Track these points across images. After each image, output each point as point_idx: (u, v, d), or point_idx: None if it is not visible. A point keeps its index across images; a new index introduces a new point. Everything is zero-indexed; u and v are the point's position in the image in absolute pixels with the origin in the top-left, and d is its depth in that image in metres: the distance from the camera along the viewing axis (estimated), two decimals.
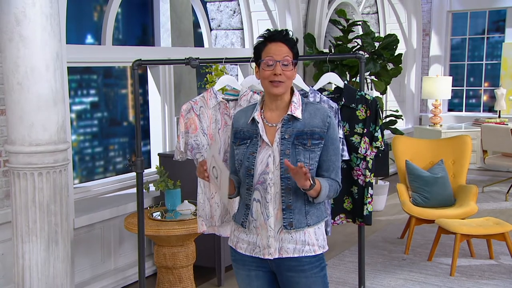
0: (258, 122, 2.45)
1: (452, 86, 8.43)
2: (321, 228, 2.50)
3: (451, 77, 8.43)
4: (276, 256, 2.43)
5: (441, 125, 8.54)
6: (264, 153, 2.42)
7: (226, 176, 2.34)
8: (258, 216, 2.43)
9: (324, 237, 2.51)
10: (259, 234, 2.44)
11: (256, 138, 2.45)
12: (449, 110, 10.01)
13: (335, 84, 3.34)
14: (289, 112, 2.43)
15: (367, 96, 3.27)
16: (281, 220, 2.41)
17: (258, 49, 2.44)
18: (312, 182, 2.32)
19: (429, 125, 8.64)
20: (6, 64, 3.17)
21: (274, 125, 2.45)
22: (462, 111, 9.91)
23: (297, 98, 2.47)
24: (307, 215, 2.43)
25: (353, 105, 3.25)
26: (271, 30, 2.46)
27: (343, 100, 3.25)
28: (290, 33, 2.45)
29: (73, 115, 6.13)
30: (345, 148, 3.22)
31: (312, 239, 2.44)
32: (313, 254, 2.45)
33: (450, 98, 8.63)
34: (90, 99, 6.47)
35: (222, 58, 3.37)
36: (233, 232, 2.56)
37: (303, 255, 2.43)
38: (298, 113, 2.43)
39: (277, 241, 2.43)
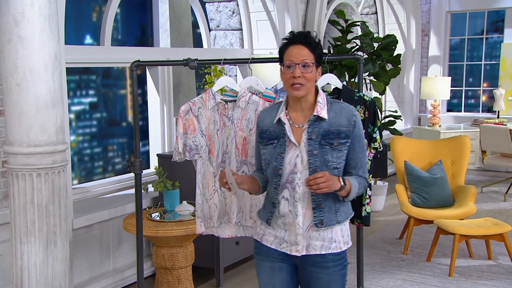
0: (284, 123, 2.48)
1: (451, 87, 8.43)
2: (346, 224, 2.57)
3: (450, 78, 8.43)
4: (304, 253, 2.49)
5: (440, 126, 8.54)
6: (292, 154, 2.46)
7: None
8: (287, 214, 2.47)
9: (348, 232, 2.57)
10: (287, 230, 2.49)
11: (283, 139, 2.48)
12: (448, 110, 10.01)
13: (334, 85, 3.34)
14: (315, 113, 2.46)
15: (365, 97, 3.26)
16: (309, 218, 2.46)
17: (281, 51, 2.49)
18: (342, 183, 2.38)
19: (428, 126, 8.64)
20: (5, 65, 3.17)
21: (300, 125, 2.48)
22: (461, 111, 9.92)
23: (322, 98, 2.50)
24: (337, 213, 2.49)
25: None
26: (295, 32, 2.49)
27: (342, 101, 3.25)
28: (314, 34, 2.47)
29: (72, 116, 6.13)
30: None
31: (338, 236, 2.50)
32: (339, 251, 2.51)
33: (449, 98, 8.63)
34: (89, 99, 6.46)
35: (221, 59, 3.37)
36: (259, 225, 2.60)
37: (329, 252, 2.49)
38: (324, 114, 2.46)
39: (305, 239, 2.48)
